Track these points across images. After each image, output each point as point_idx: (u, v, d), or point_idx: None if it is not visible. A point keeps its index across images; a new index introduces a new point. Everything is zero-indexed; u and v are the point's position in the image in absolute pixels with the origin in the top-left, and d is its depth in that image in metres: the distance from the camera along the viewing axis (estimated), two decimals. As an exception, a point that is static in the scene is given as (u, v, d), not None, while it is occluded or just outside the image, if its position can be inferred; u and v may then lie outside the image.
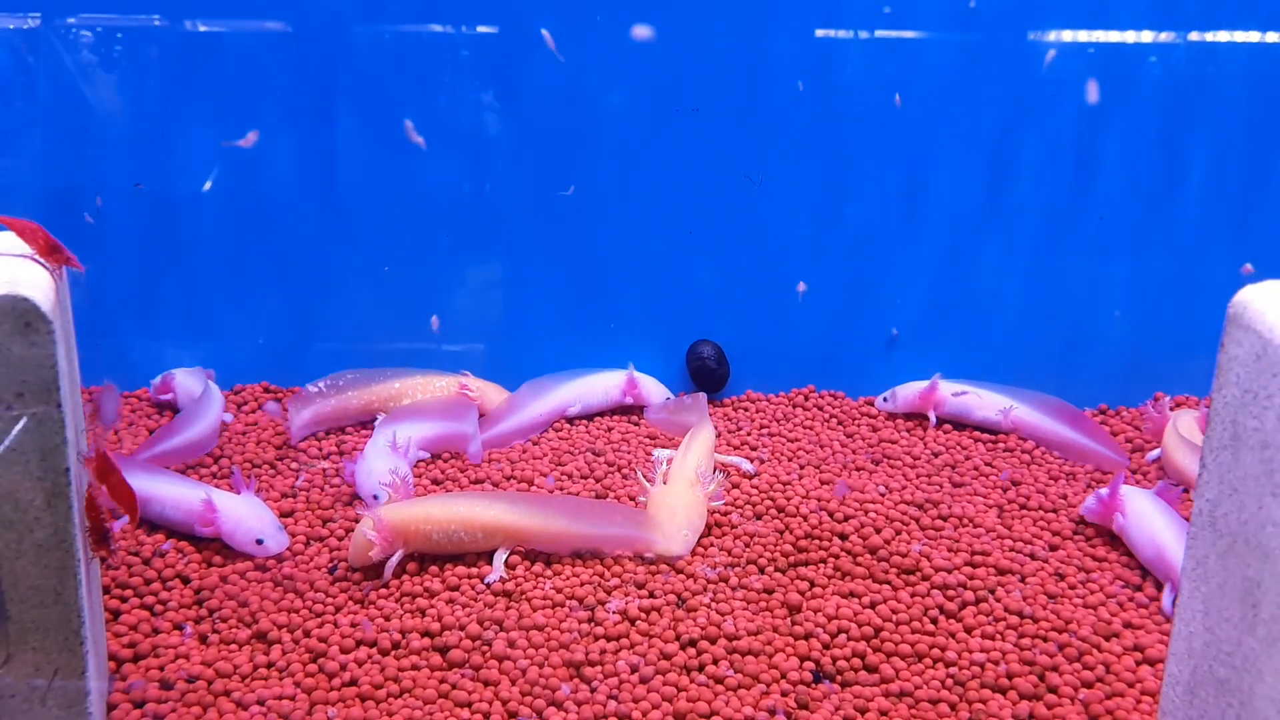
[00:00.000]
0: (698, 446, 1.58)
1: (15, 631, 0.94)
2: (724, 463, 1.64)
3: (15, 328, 0.89)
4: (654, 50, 1.81)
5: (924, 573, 1.38)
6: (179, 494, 1.43)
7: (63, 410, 0.92)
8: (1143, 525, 1.42)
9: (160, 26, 1.74)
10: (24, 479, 0.91)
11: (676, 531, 1.41)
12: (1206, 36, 1.82)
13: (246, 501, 1.43)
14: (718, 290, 1.93)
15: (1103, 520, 1.49)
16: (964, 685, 1.19)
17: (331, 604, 1.31)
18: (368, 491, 1.49)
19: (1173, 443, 1.64)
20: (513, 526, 1.39)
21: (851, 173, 1.87)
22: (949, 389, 1.82)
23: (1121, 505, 1.45)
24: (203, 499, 1.40)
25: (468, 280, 1.91)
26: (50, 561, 0.93)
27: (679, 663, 1.21)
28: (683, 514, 1.43)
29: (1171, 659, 0.95)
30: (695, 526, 1.43)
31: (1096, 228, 1.89)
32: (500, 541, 1.39)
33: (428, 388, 1.79)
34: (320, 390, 1.75)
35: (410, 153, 1.81)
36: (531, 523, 1.39)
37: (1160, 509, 1.43)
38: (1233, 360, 0.87)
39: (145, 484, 1.42)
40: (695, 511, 1.44)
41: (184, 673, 1.18)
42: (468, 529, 1.37)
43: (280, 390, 1.88)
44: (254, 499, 1.45)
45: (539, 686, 1.17)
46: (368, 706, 1.15)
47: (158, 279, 1.84)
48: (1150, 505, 1.44)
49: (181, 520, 1.41)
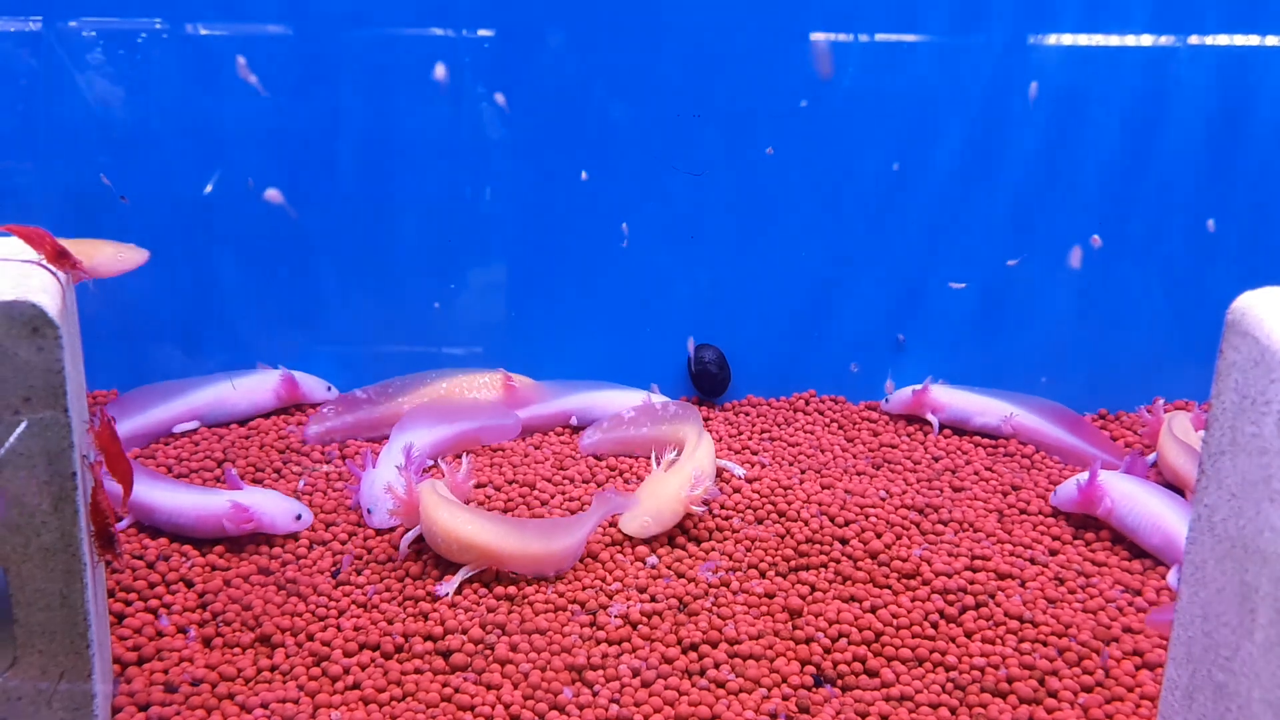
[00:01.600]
0: (704, 451, 1.58)
1: (22, 634, 0.95)
2: (719, 467, 1.64)
3: (23, 333, 0.89)
4: (658, 55, 1.82)
5: (924, 577, 1.38)
6: (201, 502, 1.44)
7: (69, 415, 0.93)
8: (1135, 507, 1.46)
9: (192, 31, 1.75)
10: (31, 483, 0.92)
11: (640, 513, 1.44)
12: (1206, 40, 1.83)
13: (261, 491, 1.48)
14: (719, 295, 1.93)
15: (1083, 509, 1.52)
16: (964, 689, 1.20)
17: (335, 608, 1.32)
18: (367, 502, 1.49)
19: (1167, 444, 1.66)
20: (485, 548, 1.35)
21: (854, 176, 1.88)
22: (944, 393, 1.83)
23: (1105, 491, 1.48)
24: (229, 502, 1.42)
25: (468, 284, 1.92)
26: (57, 565, 0.94)
27: (680, 667, 1.22)
28: (654, 502, 1.46)
29: (1170, 663, 0.96)
30: (661, 519, 1.45)
31: (1097, 232, 1.89)
32: (471, 559, 1.36)
33: (472, 385, 1.82)
34: (369, 396, 1.79)
35: (415, 156, 1.82)
36: (506, 546, 1.36)
37: (1145, 487, 1.49)
38: (1231, 366, 0.87)
39: (165, 497, 1.44)
40: (668, 506, 1.46)
41: (188, 676, 1.18)
42: (445, 539, 1.36)
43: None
44: (262, 488, 1.50)
45: (541, 690, 1.18)
46: (371, 710, 1.15)
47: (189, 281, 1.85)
48: (1134, 486, 1.49)
49: (212, 527, 1.43)
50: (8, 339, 0.89)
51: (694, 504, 1.47)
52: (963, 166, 1.88)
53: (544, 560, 1.37)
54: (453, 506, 1.40)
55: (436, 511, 1.37)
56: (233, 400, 1.78)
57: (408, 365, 1.89)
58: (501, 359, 1.91)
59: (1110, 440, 1.79)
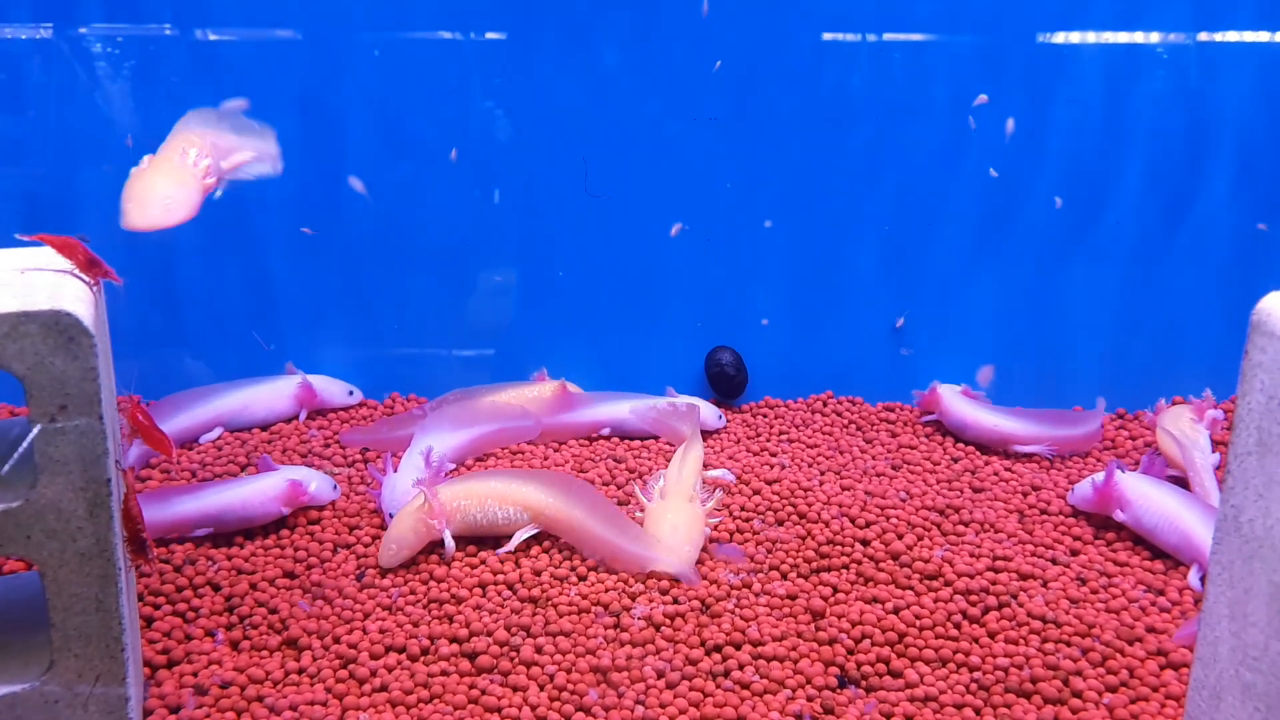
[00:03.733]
0: (691, 461, 1.55)
1: (59, 638, 0.96)
2: (709, 478, 1.60)
3: (59, 342, 0.91)
4: (675, 60, 1.83)
5: (946, 578, 1.38)
6: (261, 488, 1.49)
7: (103, 422, 0.94)
8: (1152, 507, 1.47)
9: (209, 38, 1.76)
10: (67, 490, 0.93)
11: (680, 548, 1.39)
12: (1215, 37, 1.83)
13: (298, 468, 1.57)
14: (736, 297, 1.94)
15: (1099, 509, 1.52)
16: (988, 690, 1.20)
17: (360, 610, 1.33)
18: (388, 506, 1.50)
19: (1160, 435, 1.70)
20: (538, 506, 1.44)
21: (870, 180, 1.89)
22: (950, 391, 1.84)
23: (1121, 492, 1.49)
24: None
25: (484, 287, 1.93)
26: (92, 570, 0.95)
27: (704, 668, 1.23)
28: (684, 530, 1.41)
29: (1197, 664, 0.96)
30: (696, 542, 1.41)
31: (1109, 235, 1.90)
32: (530, 520, 1.44)
33: (525, 398, 1.82)
34: (424, 412, 1.80)
35: (424, 163, 1.84)
36: (554, 506, 1.44)
37: (1161, 487, 1.49)
38: (1256, 367, 0.87)
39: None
40: (695, 528, 1.42)
41: (217, 678, 1.20)
42: (501, 503, 1.43)
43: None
44: (293, 465, 1.62)
45: (567, 692, 1.19)
46: (399, 712, 1.16)
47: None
48: (1150, 486, 1.49)
49: (272, 511, 1.49)
50: (44, 348, 0.90)
51: (711, 517, 1.48)
52: (979, 175, 1.88)
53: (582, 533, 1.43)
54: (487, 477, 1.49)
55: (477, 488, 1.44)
56: (252, 409, 1.79)
57: (418, 367, 1.90)
58: (517, 363, 1.92)
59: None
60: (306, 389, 1.81)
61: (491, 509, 1.44)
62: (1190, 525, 1.42)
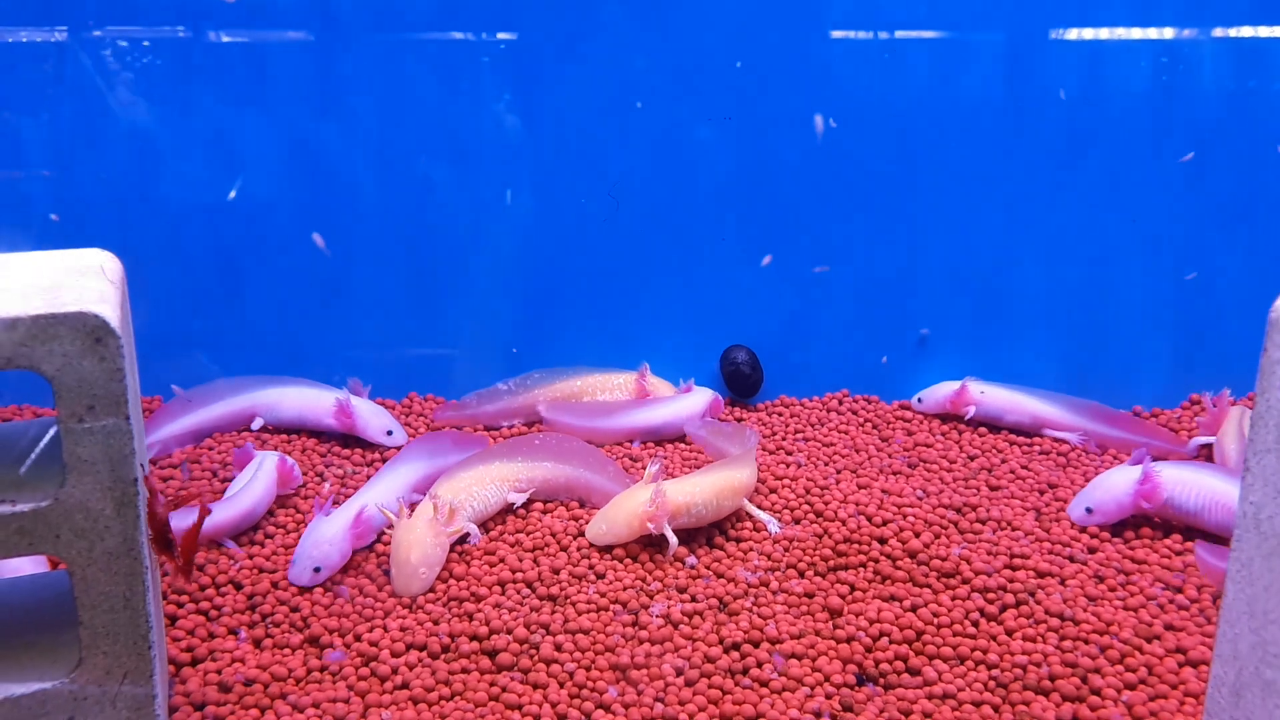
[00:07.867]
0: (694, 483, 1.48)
1: (87, 636, 0.97)
2: (752, 515, 1.53)
3: (87, 343, 0.92)
4: (687, 58, 1.83)
5: (964, 576, 1.39)
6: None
7: (130, 422, 0.95)
8: (1190, 490, 1.48)
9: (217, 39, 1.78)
10: (95, 489, 0.94)
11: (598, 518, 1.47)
12: (1261, 32, 1.82)
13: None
14: (751, 296, 1.94)
15: (1137, 509, 1.50)
16: (1006, 687, 1.21)
17: (380, 609, 1.34)
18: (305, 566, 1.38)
19: (1227, 432, 1.68)
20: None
21: (883, 176, 1.89)
22: (978, 389, 1.84)
23: (1159, 482, 1.49)
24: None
25: (500, 288, 1.94)
26: (120, 568, 0.96)
27: (723, 666, 1.23)
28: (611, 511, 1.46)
29: (1217, 661, 0.96)
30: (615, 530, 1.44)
31: (1130, 229, 1.89)
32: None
33: (606, 385, 1.89)
34: (509, 388, 1.88)
35: (446, 162, 1.85)
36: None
37: (1196, 469, 1.50)
38: (1276, 364, 0.87)
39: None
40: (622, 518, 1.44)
41: (240, 676, 1.21)
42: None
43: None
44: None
45: (587, 689, 1.19)
46: (420, 709, 1.17)
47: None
48: (1185, 471, 1.50)
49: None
50: (73, 349, 0.92)
51: (649, 521, 1.41)
52: (996, 168, 1.88)
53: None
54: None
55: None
56: (288, 412, 1.78)
57: (430, 367, 1.91)
58: (536, 361, 1.92)
59: (1159, 428, 1.81)
60: (344, 409, 1.73)
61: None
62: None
